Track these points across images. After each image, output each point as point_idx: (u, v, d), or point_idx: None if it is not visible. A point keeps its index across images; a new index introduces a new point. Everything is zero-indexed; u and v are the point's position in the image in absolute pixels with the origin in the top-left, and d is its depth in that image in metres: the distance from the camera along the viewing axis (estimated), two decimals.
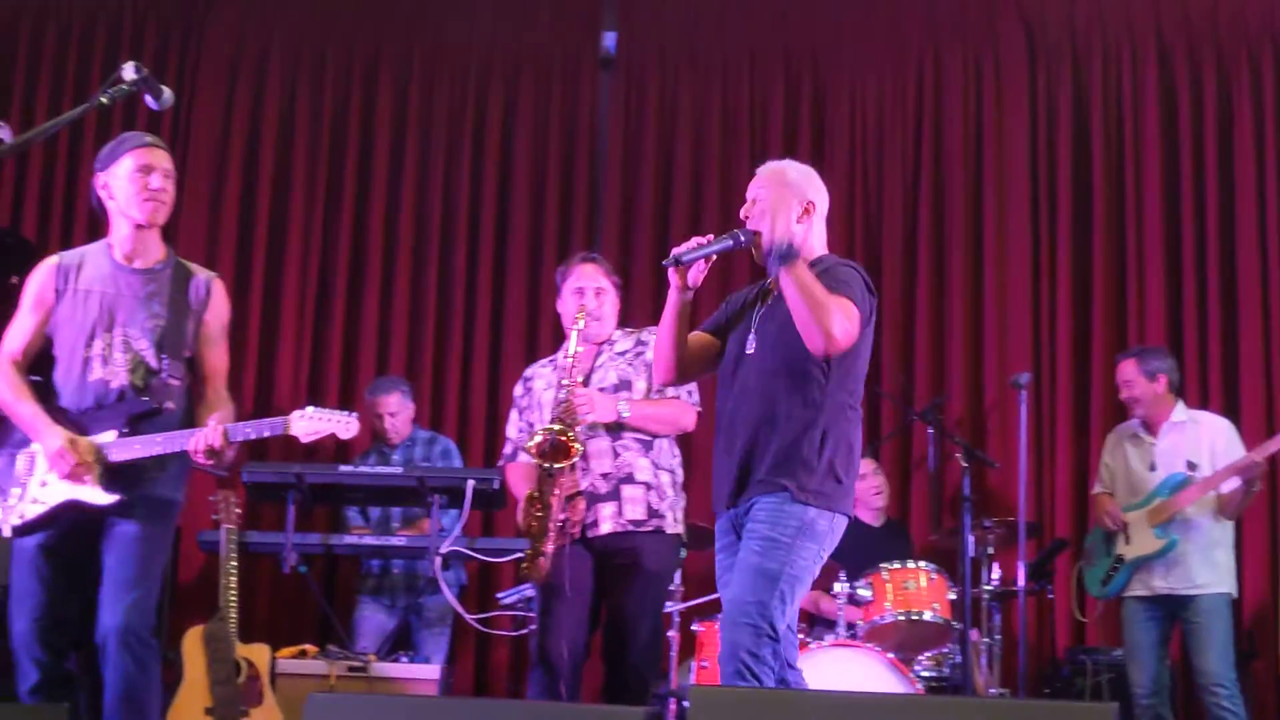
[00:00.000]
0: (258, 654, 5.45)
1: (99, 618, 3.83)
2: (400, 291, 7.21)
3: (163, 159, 4.02)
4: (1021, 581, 5.62)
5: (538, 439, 4.31)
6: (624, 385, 4.56)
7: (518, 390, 4.78)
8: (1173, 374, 5.70)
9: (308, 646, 5.73)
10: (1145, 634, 5.50)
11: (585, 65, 7.45)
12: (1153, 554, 5.47)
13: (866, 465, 6.36)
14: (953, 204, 7.06)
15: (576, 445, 4.29)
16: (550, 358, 4.77)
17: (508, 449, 4.75)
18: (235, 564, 5.46)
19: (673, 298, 3.72)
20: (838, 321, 3.52)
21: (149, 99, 3.38)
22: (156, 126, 3.73)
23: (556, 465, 4.29)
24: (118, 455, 3.88)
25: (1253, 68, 6.85)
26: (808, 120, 7.29)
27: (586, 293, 4.61)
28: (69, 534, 3.91)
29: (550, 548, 4.31)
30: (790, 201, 3.70)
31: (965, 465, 5.73)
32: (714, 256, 3.68)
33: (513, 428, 4.74)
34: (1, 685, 3.86)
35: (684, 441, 4.86)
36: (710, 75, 7.42)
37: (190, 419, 4.02)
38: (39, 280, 4.07)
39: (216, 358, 4.13)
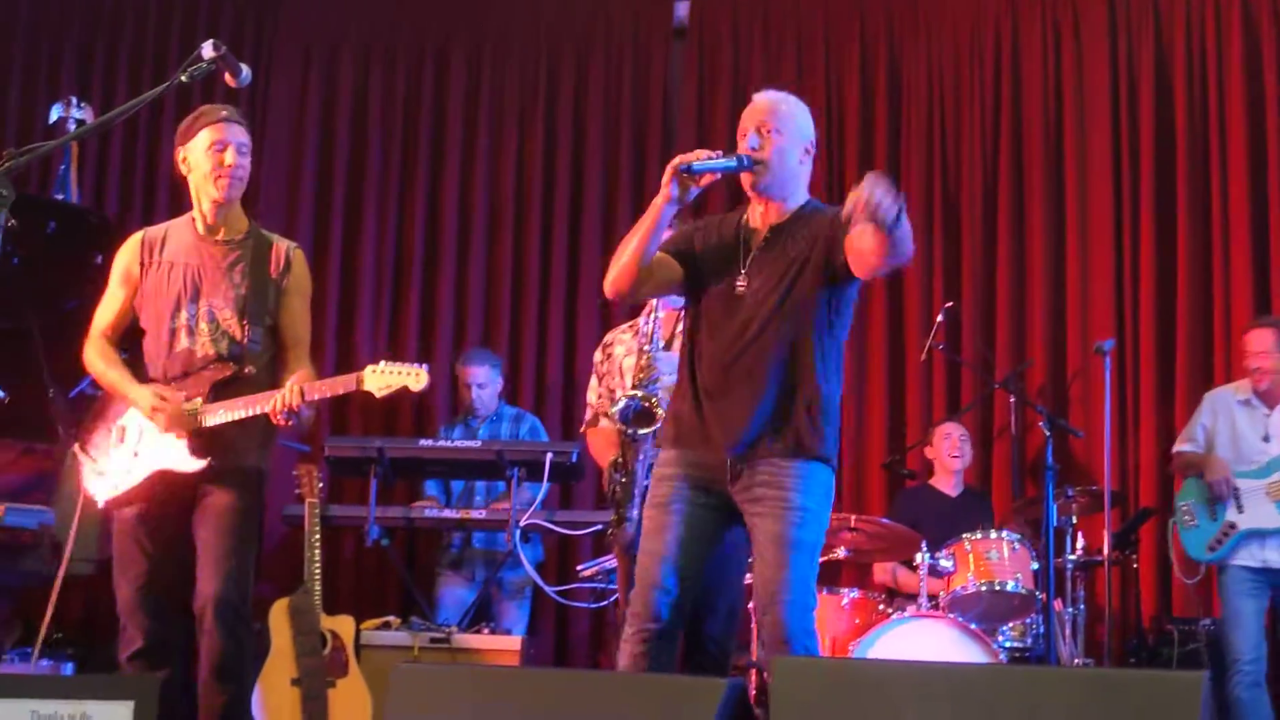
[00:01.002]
0: (343, 626, 5.51)
1: (196, 589, 3.89)
2: (475, 265, 7.25)
3: (238, 133, 4.02)
4: (1106, 551, 5.54)
5: (620, 405, 4.30)
6: None
7: (597, 356, 4.77)
8: None
9: (391, 618, 5.79)
10: (1249, 602, 5.39)
11: (657, 37, 7.43)
12: (1272, 529, 5.36)
13: (954, 427, 6.30)
14: (1032, 170, 6.94)
15: (660, 411, 4.28)
16: (630, 324, 4.75)
17: (588, 414, 4.74)
18: (319, 538, 5.52)
19: (659, 205, 3.52)
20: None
21: (228, 77, 3.40)
22: (234, 104, 3.74)
23: (641, 431, 4.29)
24: (205, 421, 3.93)
25: None
26: (884, 87, 7.21)
27: None
28: (163, 505, 3.97)
29: (635, 513, 4.30)
30: (801, 148, 3.73)
31: (1048, 434, 5.65)
32: (719, 175, 3.61)
33: (593, 394, 4.73)
34: (102, 655, 3.91)
35: None
36: (784, 43, 7.35)
37: (274, 386, 4.02)
38: (125, 256, 4.13)
39: (298, 326, 4.14)
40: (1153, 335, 6.64)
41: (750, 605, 5.46)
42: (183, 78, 3.34)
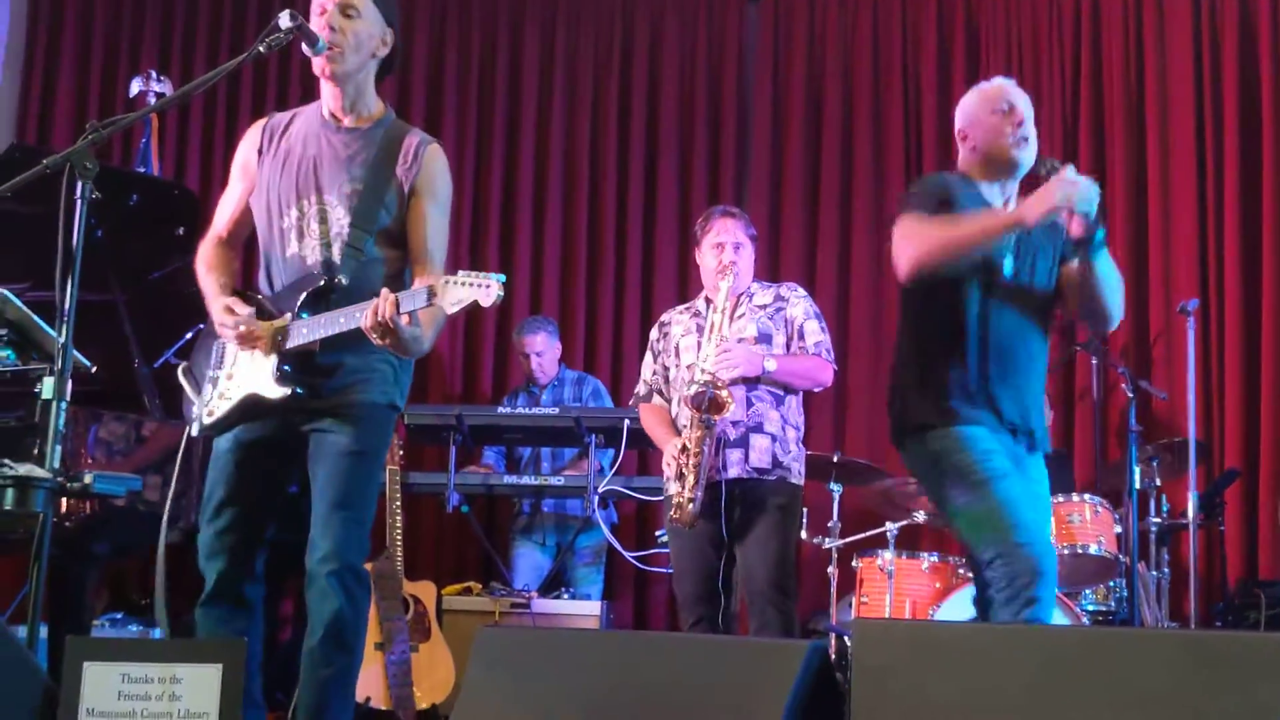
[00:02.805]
0: (424, 591, 5.59)
1: (310, 541, 3.38)
2: (551, 233, 7.27)
3: None
4: (1191, 513, 5.47)
5: (694, 389, 4.32)
6: (764, 339, 4.54)
7: (654, 334, 4.78)
8: None
9: (472, 584, 5.86)
10: None
11: (733, 1, 7.39)
12: None
13: None
14: (1113, 129, 6.83)
15: (731, 403, 4.32)
16: (687, 305, 4.77)
17: (641, 389, 4.75)
18: (399, 504, 5.58)
19: (1015, 221, 3.44)
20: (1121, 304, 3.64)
21: (304, 47, 3.41)
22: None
23: (715, 418, 4.32)
24: (290, 340, 3.36)
25: None
26: (962, 49, 7.12)
27: (726, 248, 4.60)
28: (265, 436, 3.44)
29: (701, 494, 4.34)
30: None
31: (1131, 395, 5.58)
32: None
33: (648, 369, 4.75)
34: (191, 621, 3.79)
35: (839, 377, 4.82)
36: (860, 6, 7.28)
37: None
38: (245, 144, 3.60)
39: (427, 235, 3.45)
40: (1238, 295, 6.51)
41: (829, 569, 5.46)
42: (260, 49, 3.28)
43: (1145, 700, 2.45)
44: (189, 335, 4.96)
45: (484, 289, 3.12)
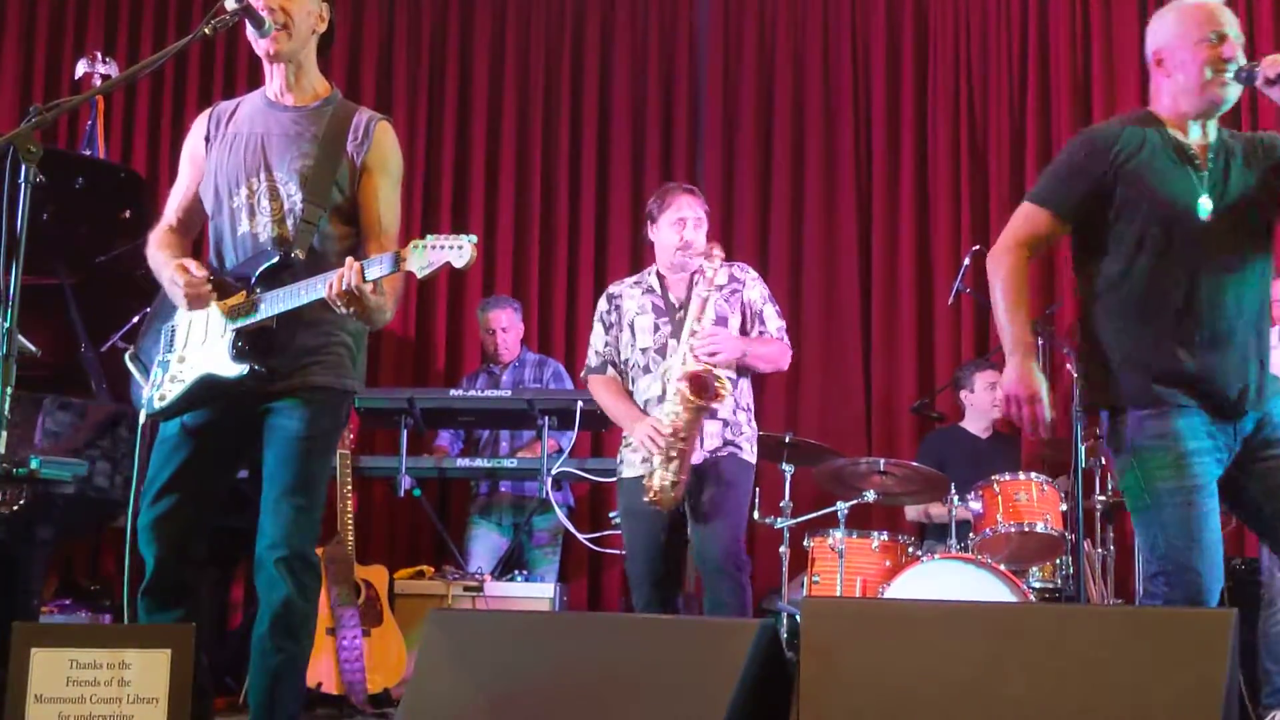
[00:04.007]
0: (376, 575, 5.58)
1: (260, 527, 3.33)
2: (504, 215, 7.26)
3: None
4: None
5: (692, 371, 4.33)
6: (720, 321, 4.56)
7: (603, 305, 4.71)
8: None
9: (425, 568, 5.86)
10: None
11: None
12: None
13: (995, 376, 6.30)
14: (1059, 112, 6.90)
15: (725, 390, 4.33)
16: (637, 279, 4.71)
17: (593, 360, 4.69)
18: (351, 488, 5.57)
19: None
20: None
21: (250, 28, 3.39)
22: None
23: (713, 403, 4.34)
24: (251, 316, 3.31)
25: None
26: (910, 37, 7.17)
27: (688, 223, 4.59)
28: (215, 420, 3.39)
29: (686, 477, 4.36)
30: None
31: (1076, 375, 5.62)
32: None
33: (599, 340, 4.69)
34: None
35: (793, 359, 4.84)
36: None
37: None
38: (194, 132, 3.60)
39: (380, 210, 3.44)
40: None
41: (780, 549, 5.50)
42: (206, 30, 3.27)
43: (1087, 673, 2.50)
44: (135, 320, 4.92)
45: (456, 250, 3.11)
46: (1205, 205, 3.22)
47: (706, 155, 7.28)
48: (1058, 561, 5.56)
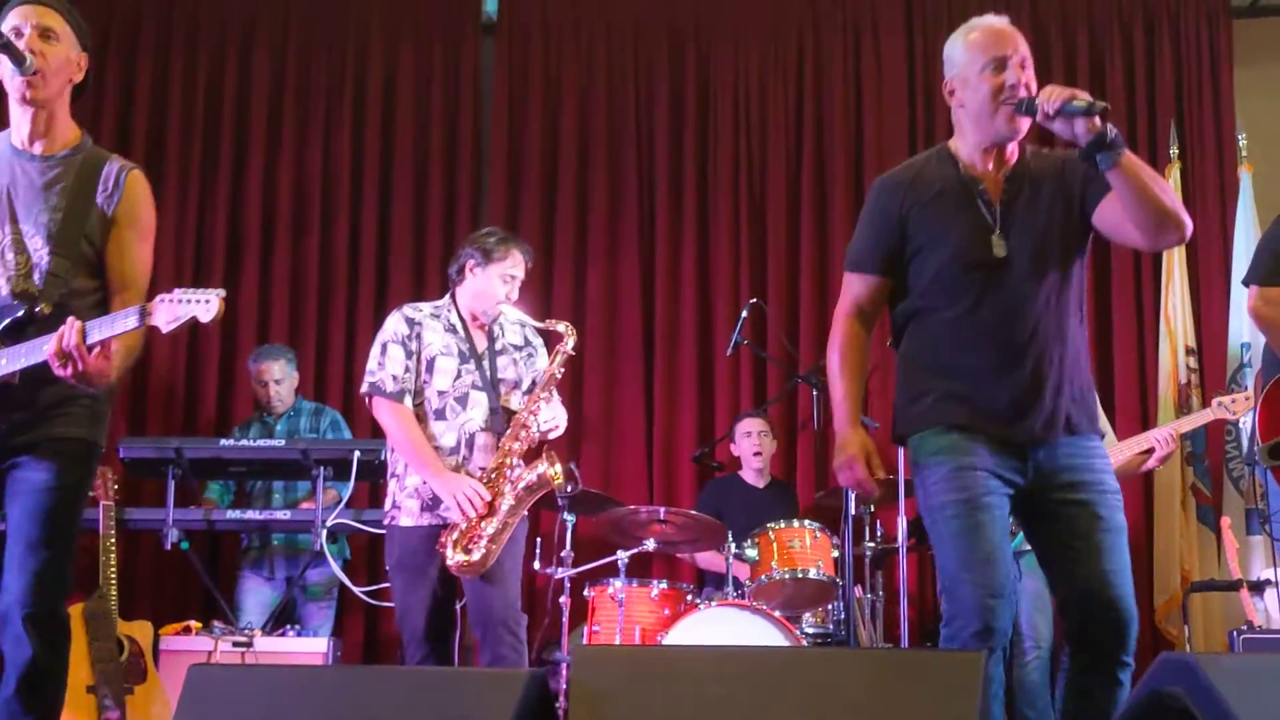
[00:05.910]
0: (140, 631, 5.40)
1: (4, 584, 3.22)
2: (280, 263, 7.13)
3: (38, 15, 3.30)
4: (902, 538, 5.70)
5: (560, 476, 4.43)
6: (515, 385, 4.58)
7: (403, 328, 4.55)
8: None
9: (191, 623, 5.67)
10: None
11: (468, 31, 7.41)
12: None
13: (754, 424, 6.43)
14: (834, 168, 7.13)
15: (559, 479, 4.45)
16: (434, 310, 4.63)
17: (388, 385, 4.47)
18: (114, 541, 5.39)
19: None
20: (1178, 201, 3.12)
21: (9, 65, 3.26)
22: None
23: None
24: None
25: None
26: (693, 86, 7.32)
27: (517, 282, 4.61)
28: None
29: (496, 547, 4.35)
30: None
31: None
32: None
33: (397, 365, 4.49)
34: None
35: (574, 410, 4.90)
36: (595, 41, 7.40)
37: None
38: None
39: (129, 265, 3.36)
40: None
41: (560, 599, 5.49)
42: None
43: (850, 714, 2.58)
44: None
45: (203, 304, 3.06)
46: (998, 245, 3.22)
47: (489, 203, 7.28)
48: (830, 607, 5.69)
